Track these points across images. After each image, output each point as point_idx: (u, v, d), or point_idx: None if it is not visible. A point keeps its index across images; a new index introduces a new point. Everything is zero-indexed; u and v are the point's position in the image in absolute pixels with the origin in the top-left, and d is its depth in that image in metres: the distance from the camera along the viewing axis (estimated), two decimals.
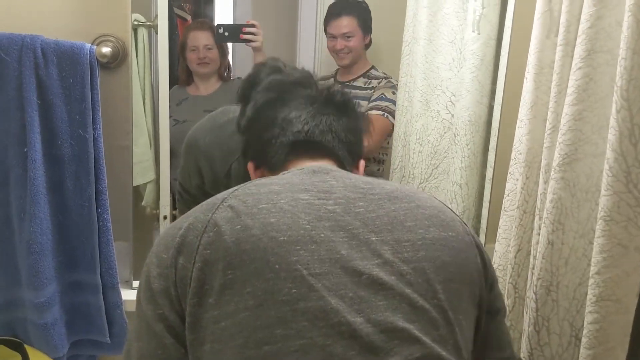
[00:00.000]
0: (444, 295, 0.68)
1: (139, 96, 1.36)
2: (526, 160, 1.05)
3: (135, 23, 1.29)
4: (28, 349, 1.19)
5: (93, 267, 1.20)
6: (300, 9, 2.25)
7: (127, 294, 1.28)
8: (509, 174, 1.12)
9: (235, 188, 0.73)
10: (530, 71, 1.04)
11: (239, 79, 2.00)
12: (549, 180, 0.97)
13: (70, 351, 1.25)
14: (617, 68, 0.83)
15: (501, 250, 1.14)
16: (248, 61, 1.92)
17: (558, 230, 0.96)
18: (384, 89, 1.80)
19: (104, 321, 1.22)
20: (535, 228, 1.03)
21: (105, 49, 1.17)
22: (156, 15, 1.29)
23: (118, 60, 1.22)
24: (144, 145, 1.39)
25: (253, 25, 1.71)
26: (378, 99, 1.78)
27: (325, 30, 1.87)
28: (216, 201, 0.70)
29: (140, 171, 1.40)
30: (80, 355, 1.30)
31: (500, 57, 1.34)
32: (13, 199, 1.15)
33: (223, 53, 1.95)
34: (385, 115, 1.75)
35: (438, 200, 0.79)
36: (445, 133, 1.37)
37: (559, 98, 0.96)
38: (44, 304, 1.15)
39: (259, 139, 0.86)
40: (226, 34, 1.72)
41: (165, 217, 1.38)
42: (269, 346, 0.61)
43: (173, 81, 1.86)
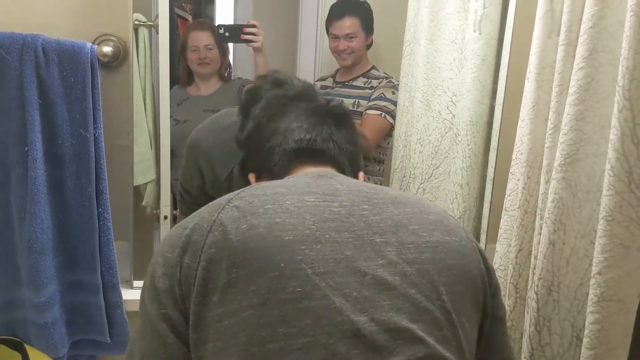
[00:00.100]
0: (447, 297, 0.68)
1: (140, 96, 1.36)
2: (527, 160, 1.05)
3: (136, 23, 1.29)
4: (28, 348, 1.19)
5: (93, 267, 1.20)
6: (301, 9, 2.25)
7: (128, 294, 1.28)
8: (510, 174, 1.12)
9: (241, 190, 0.74)
10: (531, 71, 1.04)
11: (239, 78, 2.00)
12: (551, 180, 0.97)
13: (71, 351, 1.25)
14: (619, 68, 0.83)
15: (502, 251, 1.14)
16: (248, 61, 1.92)
17: (559, 230, 0.96)
18: (383, 88, 1.80)
19: (104, 321, 1.22)
20: (536, 228, 1.03)
21: (106, 49, 1.17)
22: (157, 15, 1.29)
23: (119, 60, 1.22)
24: (144, 145, 1.39)
25: (254, 26, 1.71)
26: (377, 99, 1.78)
27: (328, 30, 1.86)
28: (222, 202, 0.71)
29: (141, 171, 1.39)
30: (80, 355, 1.30)
31: (502, 57, 1.33)
32: (13, 198, 1.15)
33: (224, 53, 1.95)
34: (382, 115, 1.75)
35: (441, 208, 0.80)
36: (446, 133, 1.37)
37: (561, 98, 0.96)
38: (44, 303, 1.15)
39: (261, 149, 0.87)
40: (227, 34, 1.72)
41: (165, 217, 1.38)
42: (272, 344, 0.61)
43: (174, 81, 1.86)
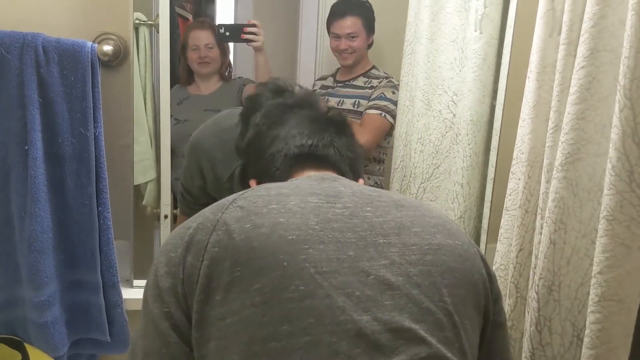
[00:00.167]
0: (450, 299, 0.69)
1: (140, 95, 1.36)
2: (528, 160, 1.05)
3: (136, 22, 1.29)
4: (28, 347, 1.19)
5: (93, 266, 1.20)
6: (302, 8, 2.25)
7: (128, 293, 1.28)
8: (511, 174, 1.12)
9: (244, 191, 0.74)
10: (532, 70, 1.04)
11: (240, 78, 2.00)
12: (551, 180, 0.97)
13: (71, 350, 1.25)
14: (620, 67, 0.83)
15: (503, 250, 1.14)
16: (249, 61, 1.91)
17: (560, 229, 0.96)
18: (383, 88, 1.80)
19: (104, 320, 1.22)
20: (537, 227, 1.03)
21: (107, 47, 1.17)
22: (157, 14, 1.29)
23: (119, 59, 1.22)
24: (144, 144, 1.39)
25: (254, 25, 1.71)
26: (377, 98, 1.78)
27: (329, 29, 1.86)
28: (226, 202, 0.71)
29: (141, 170, 1.39)
30: (80, 354, 1.30)
31: (502, 57, 1.33)
32: (14, 198, 1.15)
33: (224, 52, 1.95)
34: (383, 114, 1.75)
35: (443, 213, 0.80)
36: (446, 132, 1.37)
37: (562, 97, 0.96)
38: (44, 302, 1.15)
39: (262, 156, 0.87)
40: (227, 33, 1.73)
41: (166, 216, 1.38)
42: (275, 342, 0.61)
43: (174, 80, 1.85)
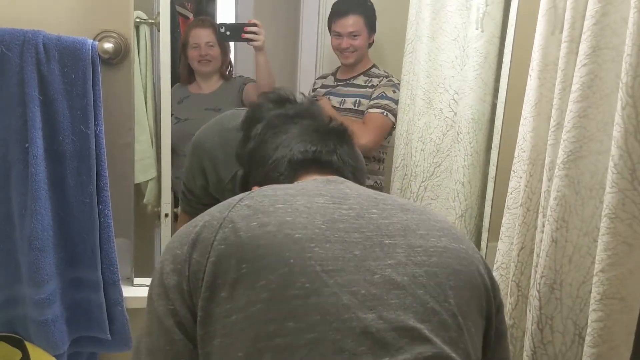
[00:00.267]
0: (455, 301, 0.69)
1: (141, 94, 1.35)
2: (530, 158, 1.05)
3: (137, 20, 1.28)
4: (28, 345, 1.19)
5: (94, 264, 1.19)
6: (302, 7, 2.25)
7: (128, 291, 1.27)
8: (512, 172, 1.12)
9: (251, 191, 0.75)
10: (534, 68, 1.03)
11: (240, 77, 2.00)
12: (553, 178, 0.97)
13: (71, 348, 1.24)
14: (623, 65, 0.83)
15: (504, 249, 1.14)
16: (249, 59, 1.92)
17: (562, 228, 0.95)
18: (384, 87, 1.80)
19: (104, 318, 1.21)
20: (538, 226, 1.03)
21: (108, 45, 1.16)
22: (158, 12, 1.29)
23: (120, 57, 1.21)
24: (145, 142, 1.39)
25: (255, 25, 1.71)
26: (378, 97, 1.78)
27: (330, 28, 1.86)
28: (233, 201, 0.72)
29: (142, 169, 1.39)
30: (81, 353, 1.30)
31: (504, 55, 1.33)
32: (14, 195, 1.15)
33: (224, 51, 1.95)
34: (385, 113, 1.75)
35: (447, 218, 0.80)
36: (447, 131, 1.37)
37: (564, 95, 0.96)
38: (44, 300, 1.15)
39: (265, 163, 0.87)
40: (228, 33, 1.73)
41: (166, 215, 1.38)
42: (280, 338, 0.61)
43: (174, 79, 1.85)
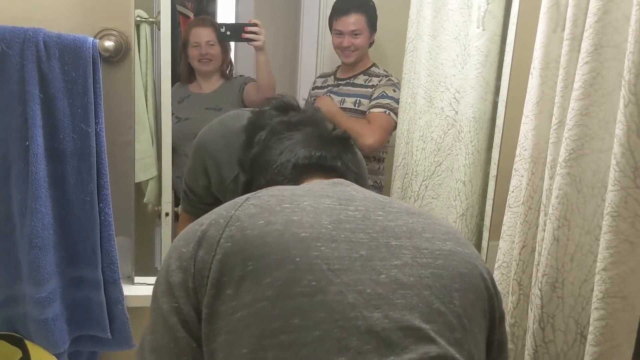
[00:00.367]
0: (460, 302, 0.69)
1: (141, 93, 1.35)
2: (531, 156, 1.04)
3: (138, 19, 1.28)
4: (29, 344, 1.19)
5: (94, 262, 1.19)
6: (303, 7, 2.24)
7: (129, 290, 1.27)
8: (513, 171, 1.12)
9: (258, 191, 0.75)
10: (536, 66, 1.03)
11: (241, 76, 1.99)
12: (555, 176, 0.97)
13: (71, 347, 1.24)
14: (625, 62, 0.82)
15: (505, 247, 1.14)
16: (250, 58, 1.91)
17: (564, 226, 0.95)
18: (384, 87, 1.80)
19: (105, 317, 1.21)
20: (540, 224, 1.02)
21: (108, 43, 1.16)
22: (159, 11, 1.28)
23: (121, 55, 1.21)
24: (146, 141, 1.39)
25: (255, 25, 1.71)
26: (379, 97, 1.78)
27: (331, 26, 1.85)
28: (239, 201, 0.72)
29: (142, 168, 1.39)
30: (81, 352, 1.29)
31: (505, 53, 1.33)
32: (14, 194, 1.14)
33: (225, 50, 1.94)
34: (387, 112, 1.74)
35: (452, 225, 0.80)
36: (449, 130, 1.37)
37: (565, 93, 0.96)
38: (44, 299, 1.14)
39: (268, 168, 0.87)
40: (228, 33, 1.72)
41: (167, 214, 1.37)
42: (285, 335, 0.61)
43: (175, 79, 1.85)
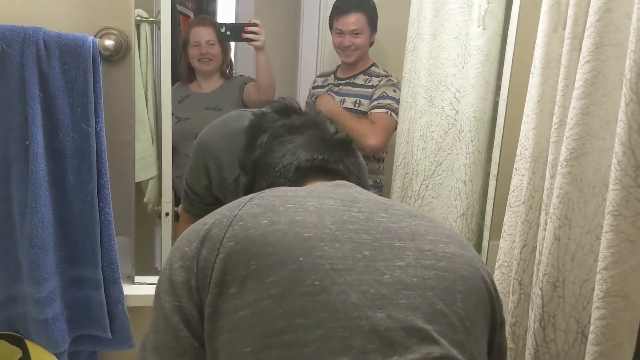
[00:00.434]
0: (462, 304, 0.69)
1: (142, 92, 1.35)
2: (532, 156, 1.04)
3: (138, 19, 1.28)
4: (29, 344, 1.19)
5: (94, 262, 1.19)
6: (303, 7, 2.24)
7: (129, 289, 1.27)
8: (514, 170, 1.11)
9: (262, 191, 0.75)
10: (537, 65, 1.03)
11: (241, 76, 1.99)
12: (556, 175, 0.96)
13: (71, 346, 1.24)
14: (626, 61, 0.82)
15: (506, 247, 1.14)
16: (250, 58, 1.91)
17: (565, 225, 0.95)
18: (384, 87, 1.80)
19: (105, 316, 1.21)
20: (541, 224, 1.02)
21: (108, 42, 1.16)
22: (159, 11, 1.28)
23: (121, 54, 1.21)
24: (146, 141, 1.39)
25: (255, 25, 1.71)
26: (380, 97, 1.78)
27: (331, 26, 1.85)
28: (243, 200, 0.72)
29: (142, 167, 1.39)
30: (81, 351, 1.29)
31: (506, 52, 1.33)
32: (14, 193, 1.14)
33: (225, 50, 1.94)
34: (389, 113, 1.74)
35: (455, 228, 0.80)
36: (449, 129, 1.36)
37: (567, 92, 0.96)
38: (44, 298, 1.14)
39: (270, 171, 0.87)
40: (228, 33, 1.72)
41: (167, 214, 1.37)
42: (289, 334, 0.61)
43: (175, 78, 1.85)
